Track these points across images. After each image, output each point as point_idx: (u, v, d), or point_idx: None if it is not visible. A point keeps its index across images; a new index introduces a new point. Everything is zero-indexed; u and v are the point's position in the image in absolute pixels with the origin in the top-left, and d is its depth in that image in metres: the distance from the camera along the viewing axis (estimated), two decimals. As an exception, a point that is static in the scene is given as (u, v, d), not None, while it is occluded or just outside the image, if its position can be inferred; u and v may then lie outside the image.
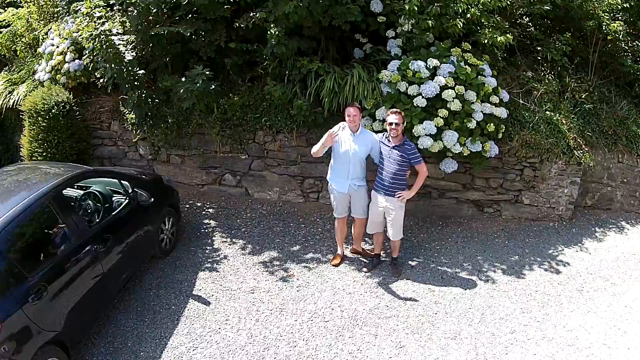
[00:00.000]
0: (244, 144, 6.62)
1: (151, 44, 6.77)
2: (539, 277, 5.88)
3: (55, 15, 8.46)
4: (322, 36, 6.50)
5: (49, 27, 8.22)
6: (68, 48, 7.48)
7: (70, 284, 4.47)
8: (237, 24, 6.41)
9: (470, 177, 6.64)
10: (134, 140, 7.05)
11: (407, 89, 5.93)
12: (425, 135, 5.83)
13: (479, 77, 6.18)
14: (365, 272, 5.74)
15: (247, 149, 6.66)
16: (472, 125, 5.93)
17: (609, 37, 7.63)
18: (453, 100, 5.88)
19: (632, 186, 7.49)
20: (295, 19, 6.01)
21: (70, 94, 7.39)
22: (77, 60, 7.36)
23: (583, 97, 7.27)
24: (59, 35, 7.75)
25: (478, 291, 5.57)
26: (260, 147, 6.65)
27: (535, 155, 6.59)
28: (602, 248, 6.61)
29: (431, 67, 5.99)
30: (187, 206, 6.79)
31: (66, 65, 7.42)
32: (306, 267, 5.81)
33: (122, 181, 5.53)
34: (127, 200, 5.39)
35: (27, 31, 8.59)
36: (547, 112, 6.84)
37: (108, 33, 6.50)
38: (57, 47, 7.63)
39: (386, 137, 5.37)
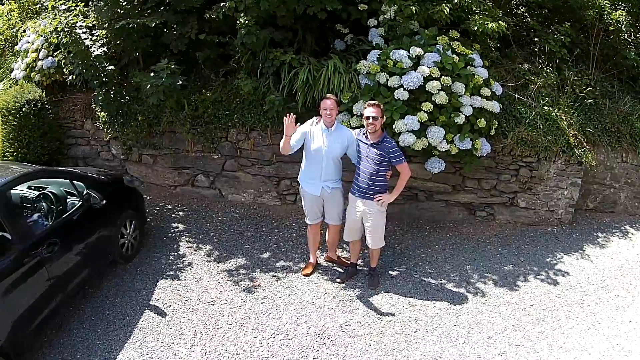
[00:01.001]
0: (216, 142, 5.79)
1: (121, 38, 6.03)
2: (534, 288, 4.95)
3: (37, 13, 7.79)
4: (299, 27, 5.65)
5: (28, 25, 7.57)
6: (42, 45, 6.77)
7: (12, 292, 3.79)
8: (207, 15, 5.62)
9: (461, 178, 5.71)
10: (105, 139, 6.29)
11: (387, 80, 5.04)
12: (407, 131, 4.93)
13: (468, 67, 5.26)
14: (339, 283, 4.84)
15: (219, 148, 5.83)
16: (460, 120, 5.02)
17: (610, 28, 6.66)
18: (438, 93, 4.97)
19: (637, 187, 6.49)
20: (267, 7, 5.17)
21: (43, 92, 6.66)
22: (50, 57, 6.60)
23: (584, 91, 6.31)
24: (35, 32, 7.06)
25: (465, 306, 4.64)
26: (233, 146, 5.81)
27: (532, 153, 5.65)
28: (604, 255, 5.65)
29: (414, 57, 5.08)
30: (157, 209, 5.98)
31: (40, 63, 6.67)
32: (275, 276, 4.94)
33: (76, 182, 4.79)
34: (79, 203, 4.65)
35: (8, 29, 7.94)
36: (545, 107, 5.89)
37: (72, 27, 5.78)
38: (32, 44, 6.93)
39: (364, 134, 4.49)
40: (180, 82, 5.45)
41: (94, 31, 6.27)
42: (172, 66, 5.39)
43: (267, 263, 5.14)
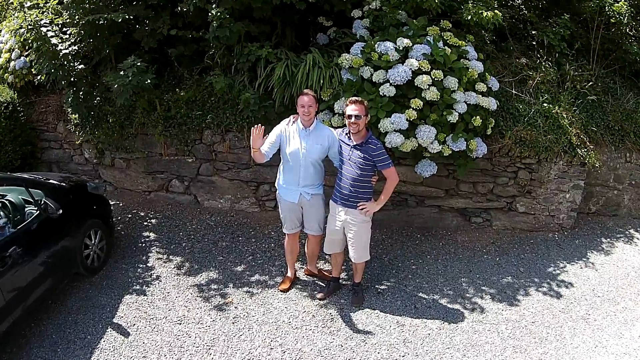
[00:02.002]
0: (190, 145, 5.04)
1: (91, 35, 5.32)
2: (536, 303, 4.21)
3: (15, 10, 7.13)
4: (278, 20, 4.92)
5: (3, 24, 6.88)
6: (15, 45, 6.08)
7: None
8: (179, 8, 4.90)
9: (455, 181, 4.95)
10: (77, 142, 5.60)
11: (371, 75, 4.28)
12: (395, 131, 4.18)
13: (462, 60, 4.50)
14: (320, 299, 4.10)
15: (193, 150, 5.08)
16: (453, 118, 4.25)
17: (612, 20, 5.88)
18: (429, 88, 4.21)
19: (643, 189, 5.77)
20: (240, -4, 4.47)
21: (15, 94, 5.99)
22: (22, 58, 5.92)
23: (585, 87, 5.56)
24: (9, 31, 6.37)
25: (460, 325, 3.90)
26: (209, 149, 5.05)
27: (531, 154, 4.89)
28: (609, 262, 4.90)
29: (401, 49, 4.32)
30: (130, 216, 5.24)
31: (12, 63, 6.00)
32: (249, 292, 4.20)
33: (33, 189, 4.10)
34: (37, 212, 3.95)
35: (-15, 29, 7.28)
36: (545, 105, 5.13)
37: (37, 25, 5.07)
38: (6, 44, 6.25)
39: (346, 134, 3.76)
40: (149, 81, 4.73)
41: (65, 29, 5.58)
42: (139, 63, 4.66)
43: (241, 277, 4.39)
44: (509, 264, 4.76)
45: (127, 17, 4.97)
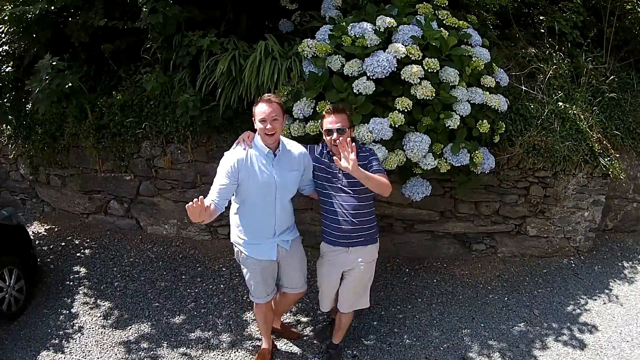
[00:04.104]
0: (126, 159, 3.42)
1: (18, 32, 3.74)
2: (556, 358, 2.68)
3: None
4: (229, 3, 3.31)
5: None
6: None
7: None
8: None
9: (452, 201, 3.27)
10: (10, 156, 4.02)
11: (342, 66, 2.61)
12: (374, 142, 2.55)
13: (463, 46, 2.90)
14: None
15: (131, 166, 3.44)
16: (453, 123, 2.59)
17: (627, 7, 4.28)
18: (420, 83, 2.55)
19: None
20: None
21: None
22: (-45, 59, 4.43)
23: (603, 83, 3.95)
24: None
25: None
26: (148, 164, 3.41)
27: (546, 166, 3.24)
28: (635, 292, 3.26)
29: (383, 30, 2.63)
30: (63, 244, 3.60)
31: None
32: (186, 355, 2.61)
33: None
34: None
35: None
36: (560, 103, 3.54)
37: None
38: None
39: (327, 153, 2.22)
40: (70, 84, 3.17)
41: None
42: (55, 62, 3.03)
43: (178, 332, 2.78)
44: (520, 304, 3.13)
45: (52, 8, 3.41)
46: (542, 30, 3.88)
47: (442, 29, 2.79)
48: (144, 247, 3.43)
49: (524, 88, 3.43)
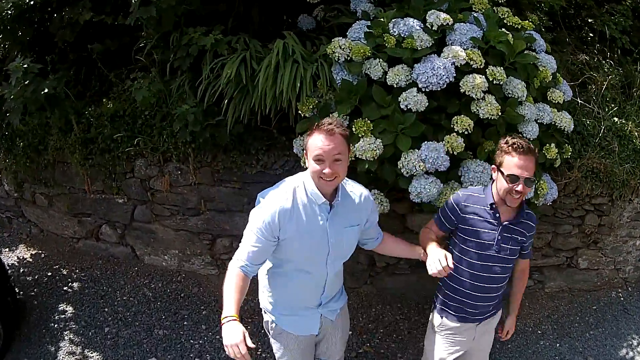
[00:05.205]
0: (118, 180, 2.63)
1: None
2: None
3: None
4: (239, -6, 2.58)
5: None
6: None
7: None
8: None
9: None
10: (-7, 170, 3.32)
11: (385, 73, 1.84)
12: (426, 173, 1.79)
13: (526, 52, 2.13)
14: None
15: (124, 187, 2.65)
16: (520, 147, 2.02)
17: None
18: (484, 97, 1.89)
19: None
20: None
21: None
22: None
23: (653, 94, 3.25)
24: None
25: None
26: (142, 185, 2.61)
27: (604, 192, 2.54)
28: None
29: (435, 29, 1.89)
30: (50, 274, 2.80)
31: None
32: None
33: None
34: None
35: None
36: (615, 119, 2.85)
37: None
38: None
39: (490, 205, 1.48)
40: (46, 90, 2.42)
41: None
42: (28, 65, 2.26)
43: (176, 402, 2.13)
44: (572, 350, 2.40)
45: (31, 2, 2.62)
46: (590, 35, 3.15)
47: (503, 29, 2.06)
48: (140, 282, 2.65)
49: (579, 101, 2.72)
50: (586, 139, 2.63)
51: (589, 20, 3.11)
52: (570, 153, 2.23)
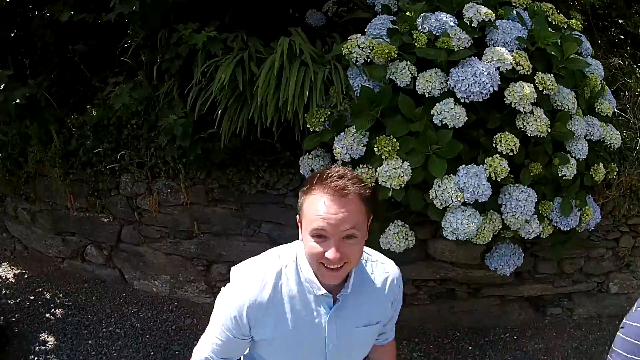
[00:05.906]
0: (102, 197, 2.21)
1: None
2: None
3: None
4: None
5: None
6: None
7: None
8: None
9: (532, 259, 2.08)
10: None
11: (414, 79, 1.40)
12: (464, 205, 1.33)
13: (574, 56, 1.62)
14: None
15: (109, 206, 2.23)
16: (570, 172, 1.45)
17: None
18: (532, 111, 1.44)
19: None
20: None
21: None
22: None
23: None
24: None
25: None
26: (129, 204, 2.19)
27: (640, 211, 2.25)
28: None
29: (474, 26, 1.42)
30: (32, 298, 2.38)
31: None
32: None
33: None
34: None
35: None
36: None
37: None
38: None
39: None
40: (18, 100, 1.96)
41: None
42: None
43: None
44: None
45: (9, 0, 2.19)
46: (621, 37, 2.74)
47: (549, 28, 1.65)
48: (127, 311, 2.22)
49: (616, 110, 2.32)
50: (623, 152, 2.25)
51: (620, 21, 2.71)
52: (615, 173, 1.84)
